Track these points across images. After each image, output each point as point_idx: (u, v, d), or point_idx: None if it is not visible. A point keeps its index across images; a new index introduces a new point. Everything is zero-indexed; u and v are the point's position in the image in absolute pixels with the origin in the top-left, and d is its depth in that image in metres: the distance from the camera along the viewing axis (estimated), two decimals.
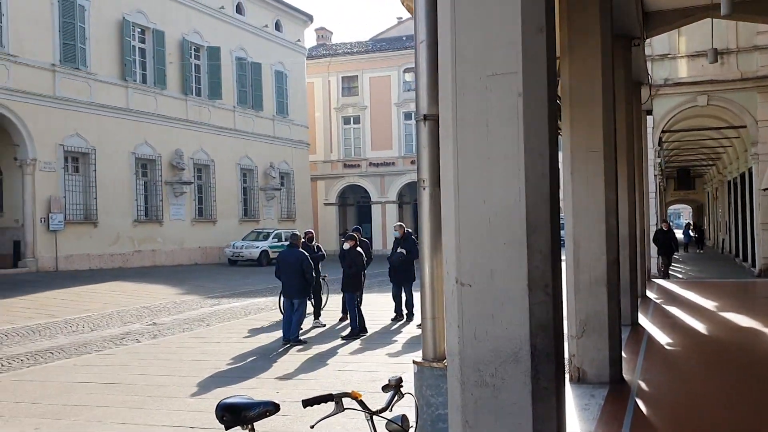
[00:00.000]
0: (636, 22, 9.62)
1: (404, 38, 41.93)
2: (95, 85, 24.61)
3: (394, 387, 2.97)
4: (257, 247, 29.24)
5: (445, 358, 3.71)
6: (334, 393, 2.85)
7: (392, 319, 13.19)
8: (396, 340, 11.35)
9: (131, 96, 26.21)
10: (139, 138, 26.38)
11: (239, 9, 32.64)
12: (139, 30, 26.86)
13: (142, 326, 13.60)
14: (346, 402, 2.86)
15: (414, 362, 3.92)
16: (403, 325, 12.82)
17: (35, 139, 22.19)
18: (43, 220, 22.37)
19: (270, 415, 3.05)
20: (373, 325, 12.57)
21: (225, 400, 3.05)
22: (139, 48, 26.89)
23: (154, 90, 27.24)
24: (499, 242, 3.04)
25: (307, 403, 2.86)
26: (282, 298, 11.83)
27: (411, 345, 10.69)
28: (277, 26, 35.64)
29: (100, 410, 7.29)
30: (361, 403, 2.88)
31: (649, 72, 16.45)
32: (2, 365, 9.89)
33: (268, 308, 15.95)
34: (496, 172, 3.05)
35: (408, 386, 3.32)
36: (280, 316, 11.98)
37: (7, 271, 21.31)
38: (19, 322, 13.45)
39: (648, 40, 14.71)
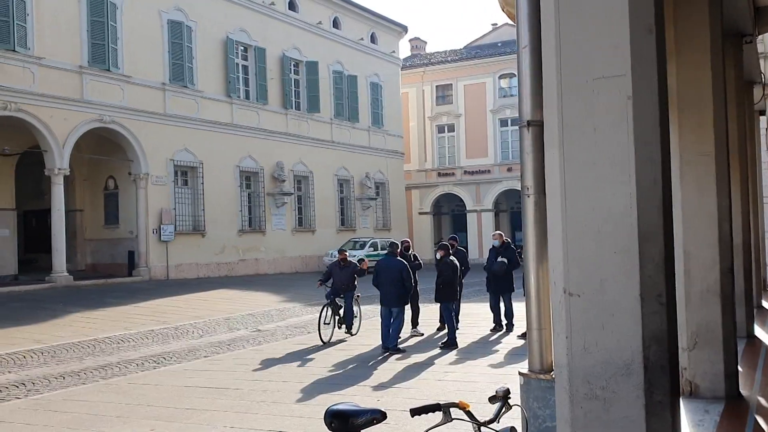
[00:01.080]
0: (747, 17, 9.10)
1: (499, 44, 41.54)
2: (202, 102, 25.82)
3: (502, 398, 2.94)
4: (354, 256, 29.51)
5: (552, 370, 3.64)
6: (441, 402, 2.84)
7: (491, 330, 13.03)
8: (496, 351, 11.20)
9: (235, 111, 27.31)
10: (242, 152, 27.43)
11: (336, 23, 33.38)
12: (242, 48, 27.96)
13: (248, 332, 14.08)
14: (454, 412, 2.85)
15: (520, 373, 3.85)
16: (503, 336, 12.63)
17: (147, 154, 23.51)
18: (155, 231, 23.62)
19: (377, 423, 3.08)
20: (471, 335, 12.47)
21: (333, 407, 3.11)
22: (242, 65, 28.00)
23: (257, 105, 28.27)
24: (609, 251, 2.95)
25: (415, 412, 2.86)
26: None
27: (512, 356, 10.52)
28: (373, 38, 36.17)
29: (210, 414, 7.59)
30: (469, 414, 2.86)
31: (762, 70, 15.50)
32: (120, 369, 10.49)
33: (366, 316, 16.13)
34: (605, 179, 2.96)
35: (515, 398, 3.27)
36: (379, 324, 12.06)
37: (122, 280, 22.64)
38: (134, 328, 14.22)
39: (760, 37, 13.87)
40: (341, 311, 13.00)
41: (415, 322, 13.26)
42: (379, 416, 3.09)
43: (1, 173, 22.36)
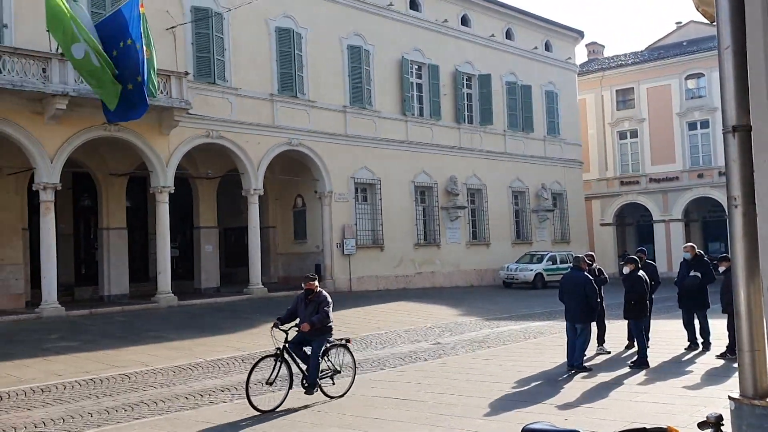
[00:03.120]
0: None
1: (684, 43, 38.95)
2: (379, 121, 26.80)
3: (714, 425, 2.76)
4: (531, 270, 29.08)
5: None
6: (647, 427, 2.73)
7: (685, 349, 12.17)
8: (690, 371, 10.45)
9: (410, 129, 28.03)
10: (417, 167, 28.05)
11: (509, 35, 33.15)
12: (416, 67, 28.67)
13: (428, 345, 14.31)
14: None
15: (730, 398, 3.58)
16: (698, 355, 11.75)
17: (331, 173, 24.82)
18: (338, 245, 24.84)
19: None
20: (662, 354, 11.73)
21: (530, 426, 3.10)
22: (416, 83, 28.70)
23: (430, 121, 28.80)
24: None
25: None
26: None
27: (710, 377, 9.76)
28: (547, 47, 35.45)
29: (398, 425, 7.81)
30: None
31: None
32: None
33: (548, 332, 15.75)
34: None
35: (727, 424, 3.05)
36: (563, 341, 11.71)
37: None
38: None
39: None
40: (304, 365, 9.09)
41: (601, 340, 12.69)
42: None
43: (205, 195, 24.71)
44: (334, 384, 9.39)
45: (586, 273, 11.23)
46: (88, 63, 14.63)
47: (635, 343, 11.58)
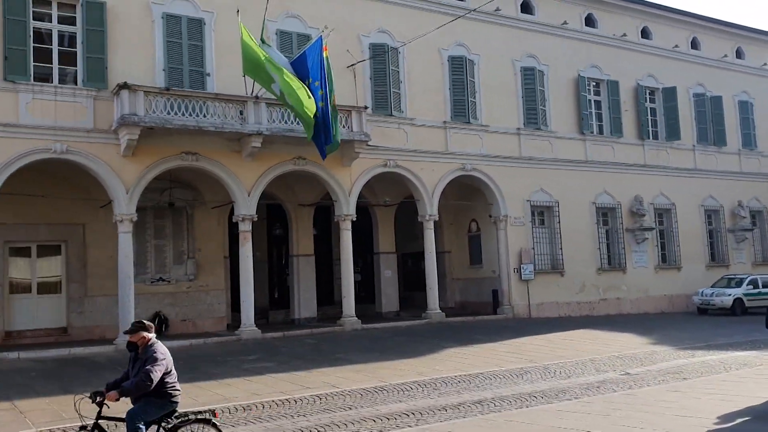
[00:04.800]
0: None
1: None
2: (555, 142, 26.22)
3: None
4: (729, 295, 26.74)
5: None
6: None
7: None
8: None
9: (589, 148, 27.11)
10: (598, 188, 27.01)
11: (694, 44, 31.13)
12: (594, 83, 27.77)
13: (616, 375, 13.64)
14: None
15: None
16: None
17: (505, 197, 24.64)
18: (515, 270, 24.50)
19: None
20: None
21: None
22: (593, 101, 27.78)
23: (611, 139, 27.67)
24: None
25: None
26: None
27: None
28: (738, 54, 32.78)
29: None
30: None
31: None
32: (495, 405, 11.03)
33: (753, 363, 14.38)
34: None
35: None
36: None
37: (488, 318, 23.86)
38: (504, 365, 14.83)
39: None
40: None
41: None
42: None
43: (384, 221, 25.60)
44: None
45: None
46: (283, 99, 15.98)
47: None
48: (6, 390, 12.46)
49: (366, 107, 21.17)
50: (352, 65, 21.41)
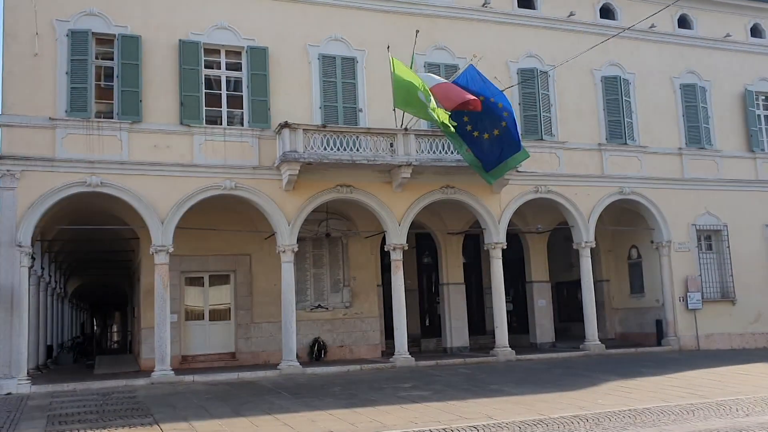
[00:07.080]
0: None
1: None
2: (721, 161, 24.54)
3: None
4: None
5: None
6: None
7: None
8: None
9: (760, 166, 25.09)
10: None
11: None
12: (763, 98, 25.77)
13: None
14: None
15: None
16: None
17: (668, 221, 23.32)
18: (681, 299, 23.02)
19: None
20: None
21: None
22: (764, 116, 25.73)
23: None
24: None
25: None
26: None
27: None
28: None
29: None
30: None
31: None
32: None
33: None
34: None
35: None
36: None
37: (651, 349, 22.53)
38: (672, 400, 13.89)
39: None
40: None
41: None
42: None
43: (536, 249, 25.06)
44: None
45: None
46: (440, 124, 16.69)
47: None
48: (185, 411, 13.48)
49: None
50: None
